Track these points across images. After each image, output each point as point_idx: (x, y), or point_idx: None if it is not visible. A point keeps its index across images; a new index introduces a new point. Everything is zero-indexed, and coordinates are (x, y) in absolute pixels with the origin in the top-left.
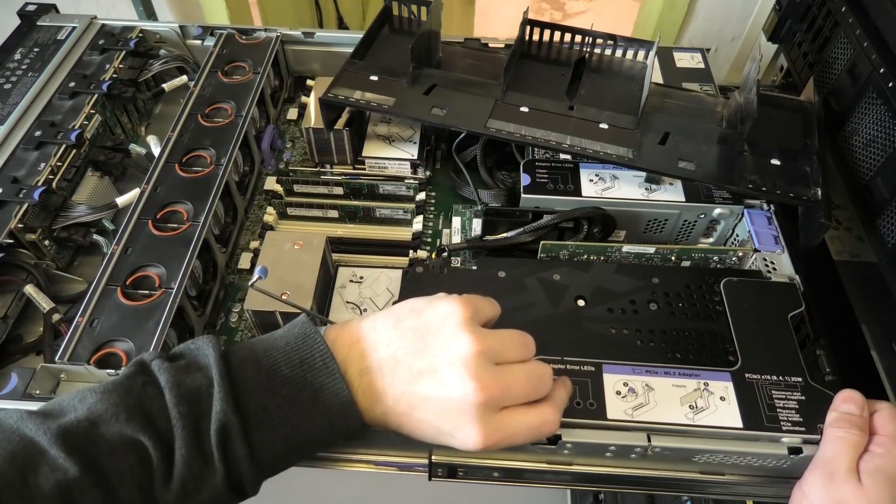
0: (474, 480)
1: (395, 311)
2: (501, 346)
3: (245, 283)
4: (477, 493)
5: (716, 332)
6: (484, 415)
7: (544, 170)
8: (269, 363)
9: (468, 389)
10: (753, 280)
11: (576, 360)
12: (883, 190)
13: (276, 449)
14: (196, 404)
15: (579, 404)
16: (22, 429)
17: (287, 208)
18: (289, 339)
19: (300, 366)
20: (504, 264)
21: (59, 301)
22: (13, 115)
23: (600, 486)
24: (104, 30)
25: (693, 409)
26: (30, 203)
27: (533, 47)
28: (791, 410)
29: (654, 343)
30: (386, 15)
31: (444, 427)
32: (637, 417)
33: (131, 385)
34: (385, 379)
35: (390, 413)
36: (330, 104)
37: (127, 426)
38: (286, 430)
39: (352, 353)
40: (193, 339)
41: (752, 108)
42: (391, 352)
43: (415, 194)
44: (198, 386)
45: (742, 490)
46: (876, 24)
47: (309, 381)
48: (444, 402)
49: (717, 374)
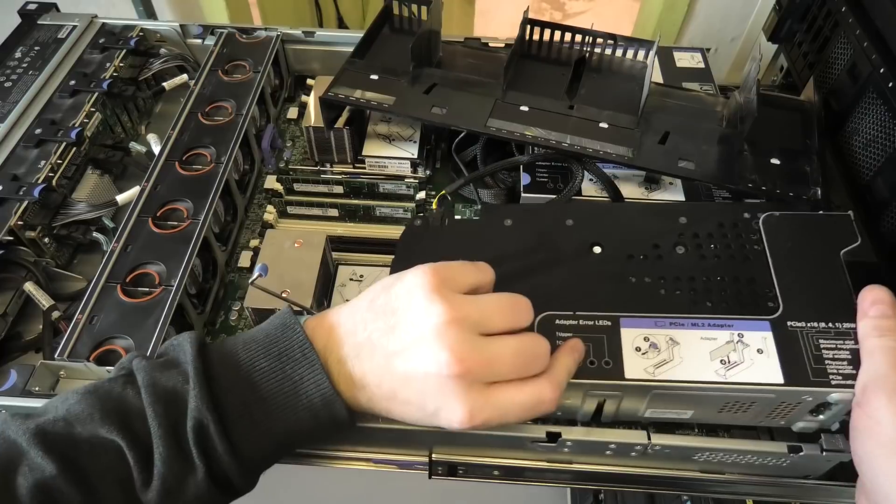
0: (474, 479)
1: (370, 291)
2: (480, 313)
3: (245, 282)
4: (477, 491)
5: (753, 276)
6: (467, 390)
7: (544, 169)
8: (247, 357)
9: (443, 361)
10: (799, 214)
11: (589, 314)
12: (883, 190)
13: (259, 444)
14: (172, 403)
15: (593, 363)
16: (6, 431)
17: (287, 207)
18: (269, 332)
19: (279, 358)
20: (510, 211)
21: (58, 298)
22: (13, 113)
23: (600, 484)
24: (105, 29)
25: (725, 365)
26: (30, 201)
27: (533, 47)
28: (842, 362)
29: (680, 291)
30: (386, 14)
31: (429, 406)
32: (659, 376)
33: (112, 387)
34: (364, 364)
35: (375, 399)
36: (330, 103)
37: (101, 427)
38: (269, 425)
39: (330, 340)
40: (177, 336)
41: (752, 107)
42: (367, 335)
43: (415, 193)
44: (174, 384)
45: (742, 489)
46: (876, 24)
47: (289, 373)
48: (423, 379)
49: (754, 324)
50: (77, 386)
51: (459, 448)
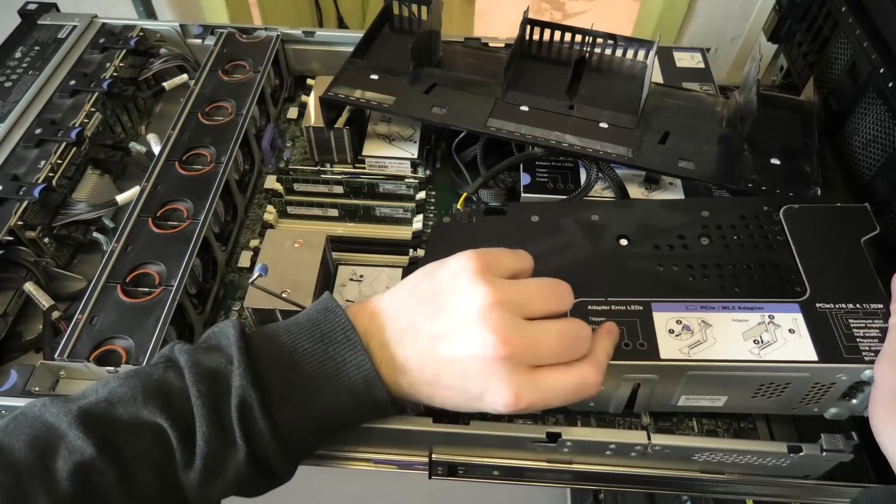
0: (474, 479)
1: (412, 278)
2: (523, 297)
3: (245, 282)
4: (477, 491)
5: (778, 263)
6: (512, 372)
7: (544, 169)
8: (290, 339)
9: (489, 344)
10: (817, 206)
11: (621, 299)
12: (883, 190)
13: (300, 425)
14: (214, 382)
15: (628, 345)
16: (44, 415)
17: (287, 207)
18: (310, 314)
19: (321, 340)
20: (536, 208)
21: (58, 298)
22: (13, 112)
23: (600, 484)
24: (105, 28)
25: (758, 344)
26: (30, 200)
27: (533, 47)
28: (873, 339)
29: (708, 278)
30: (386, 14)
31: (473, 390)
32: (695, 356)
33: (153, 370)
34: (406, 348)
35: (417, 384)
36: (330, 103)
37: (144, 408)
38: (310, 406)
39: (372, 325)
40: (217, 324)
41: (752, 107)
42: (409, 319)
43: (415, 193)
44: (216, 364)
45: (742, 489)
46: (876, 24)
47: (331, 354)
48: (468, 362)
49: (784, 306)
50: (80, 384)
51: (459, 448)
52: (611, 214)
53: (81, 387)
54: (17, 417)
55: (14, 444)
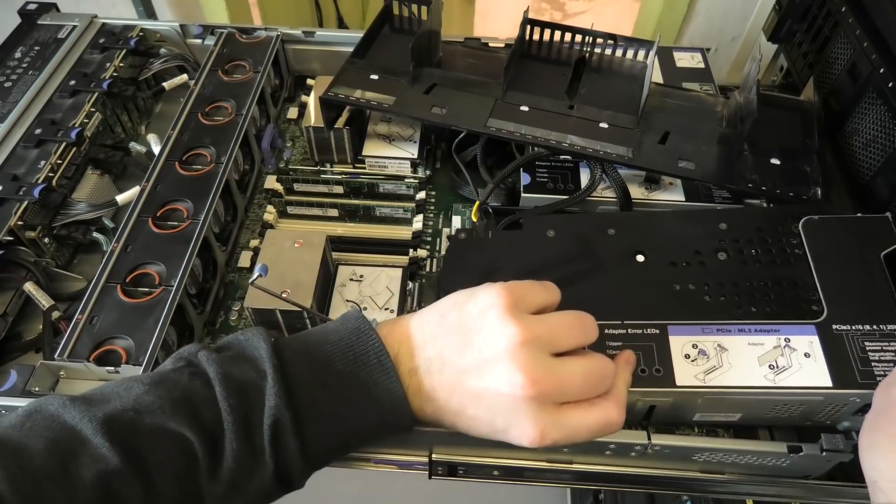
0: (474, 479)
1: (439, 306)
2: (552, 334)
3: (245, 282)
4: (477, 491)
5: (795, 280)
6: (539, 410)
7: (544, 169)
8: (322, 357)
9: (518, 383)
10: (837, 217)
11: (637, 323)
12: (883, 190)
13: (326, 444)
14: (246, 397)
15: (644, 371)
16: (63, 416)
17: (287, 207)
18: (342, 334)
19: (354, 362)
20: (553, 222)
21: (58, 299)
22: (13, 113)
23: (600, 484)
24: (105, 29)
25: (773, 370)
26: (30, 201)
27: (533, 47)
28: (888, 364)
29: (724, 297)
30: (386, 14)
31: (498, 424)
32: (710, 382)
33: (178, 377)
34: (434, 378)
35: (442, 412)
36: (330, 103)
37: (171, 419)
38: (337, 426)
39: (402, 350)
40: (242, 332)
41: (752, 107)
42: (437, 350)
43: (415, 193)
44: (248, 378)
45: (742, 489)
46: (876, 24)
47: (363, 377)
48: (495, 398)
49: (800, 328)
50: (80, 384)
51: (459, 448)
52: (627, 228)
53: (81, 387)
54: (31, 415)
55: (33, 447)
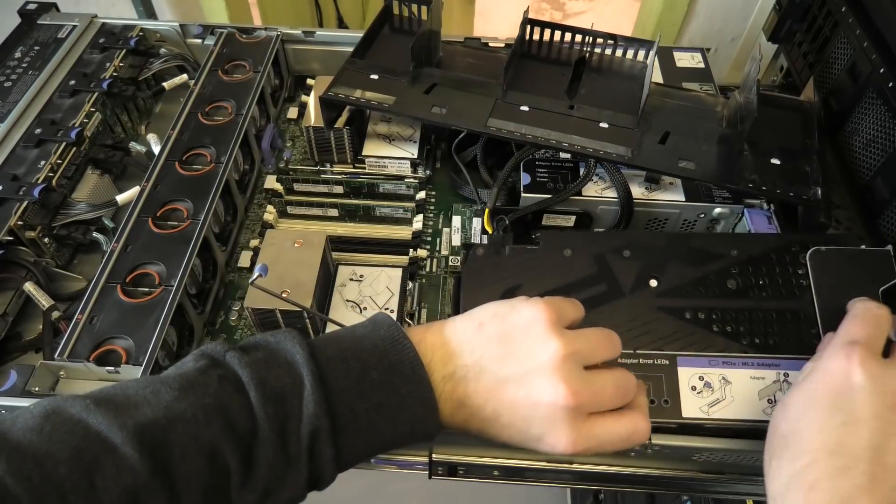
0: (474, 479)
1: (477, 315)
2: (589, 349)
3: (245, 282)
4: (477, 491)
5: (799, 312)
6: (574, 420)
7: (544, 169)
8: (358, 366)
9: (559, 395)
10: (843, 249)
11: (649, 352)
12: (883, 190)
13: (359, 451)
14: (282, 404)
15: (653, 402)
16: (87, 420)
17: (287, 207)
18: (376, 342)
19: (389, 371)
20: (570, 240)
21: (58, 299)
22: (13, 112)
23: (600, 484)
24: (104, 28)
25: (771, 404)
26: (30, 201)
27: (533, 47)
28: None
29: (731, 328)
30: (386, 14)
31: (533, 432)
32: (713, 415)
33: (207, 381)
34: (469, 386)
35: (473, 419)
36: (330, 103)
37: (206, 429)
38: (371, 434)
39: (435, 357)
40: (273, 332)
41: (752, 107)
42: (475, 358)
43: (415, 193)
44: (283, 385)
45: (742, 489)
46: (876, 24)
47: (397, 386)
48: (533, 408)
49: (799, 363)
50: (79, 385)
51: (459, 448)
52: (642, 250)
53: (81, 387)
54: (49, 416)
55: (57, 455)
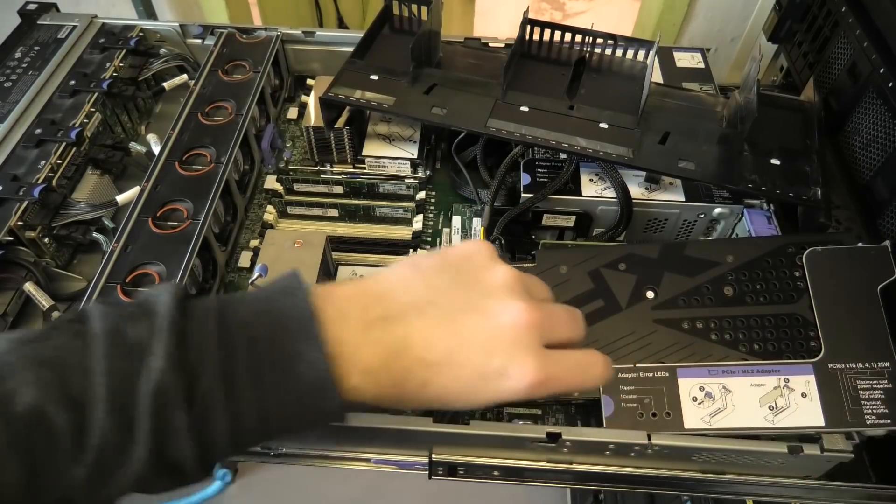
0: (474, 479)
1: (408, 259)
2: (533, 283)
3: (245, 282)
4: (477, 491)
5: (797, 316)
6: (536, 343)
7: (544, 169)
8: (236, 319)
9: (520, 313)
10: (839, 248)
11: (649, 366)
12: (883, 190)
13: (223, 425)
14: (129, 359)
15: (655, 415)
16: None
17: (287, 207)
18: (269, 294)
19: (273, 325)
20: (565, 257)
21: (58, 299)
22: (13, 113)
23: (600, 484)
24: (104, 29)
25: (773, 410)
26: (30, 201)
27: (533, 47)
28: (876, 402)
29: (729, 335)
30: (386, 14)
31: (494, 364)
32: (715, 425)
33: (51, 335)
34: (411, 324)
35: (415, 368)
36: (330, 103)
37: (28, 386)
38: (240, 404)
39: (351, 306)
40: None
41: (752, 107)
42: (413, 296)
43: (415, 193)
44: (140, 338)
45: (742, 489)
46: (876, 24)
47: (285, 346)
48: (493, 331)
49: (798, 368)
50: None
51: (459, 448)
52: (637, 263)
53: None
54: None
55: None
